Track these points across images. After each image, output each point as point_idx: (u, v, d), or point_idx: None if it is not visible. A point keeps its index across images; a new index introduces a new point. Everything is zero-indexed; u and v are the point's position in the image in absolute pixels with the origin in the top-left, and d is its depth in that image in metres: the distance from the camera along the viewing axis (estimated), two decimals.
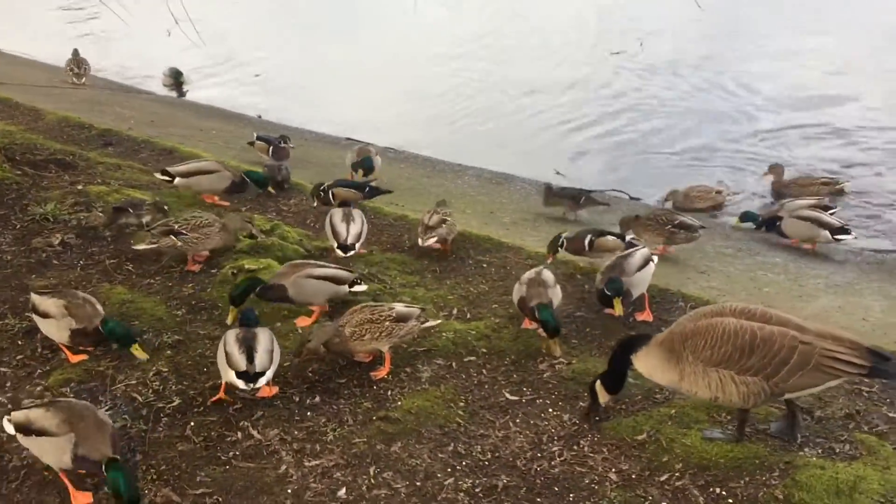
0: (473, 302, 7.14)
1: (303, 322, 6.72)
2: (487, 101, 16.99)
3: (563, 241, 7.79)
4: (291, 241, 8.15)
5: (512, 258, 8.14)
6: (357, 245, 7.89)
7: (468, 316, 6.98)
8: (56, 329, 5.99)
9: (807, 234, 9.99)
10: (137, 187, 9.49)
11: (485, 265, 8.08)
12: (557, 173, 11.97)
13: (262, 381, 5.43)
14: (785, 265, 8.90)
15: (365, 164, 10.86)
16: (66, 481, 4.76)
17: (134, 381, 5.84)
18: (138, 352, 5.92)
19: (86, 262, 7.66)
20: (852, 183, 12.04)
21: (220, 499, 4.79)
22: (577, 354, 6.33)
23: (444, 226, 8.09)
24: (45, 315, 6.03)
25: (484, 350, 6.35)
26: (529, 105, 16.58)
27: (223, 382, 5.59)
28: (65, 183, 9.47)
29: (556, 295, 6.56)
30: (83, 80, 16.56)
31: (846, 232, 9.94)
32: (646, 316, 6.98)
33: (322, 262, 6.96)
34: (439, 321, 6.36)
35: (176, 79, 18.73)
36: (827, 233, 9.88)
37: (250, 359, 5.41)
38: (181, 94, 18.26)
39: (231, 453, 5.18)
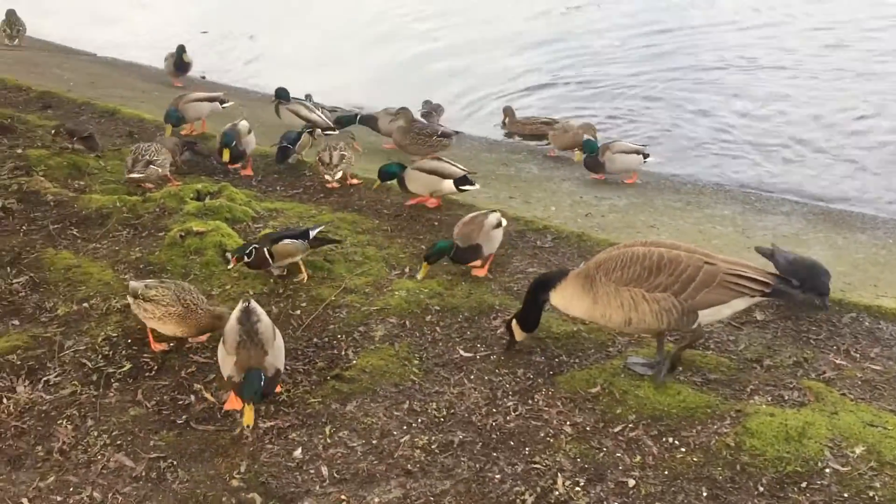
0: None
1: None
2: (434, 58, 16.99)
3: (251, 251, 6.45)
4: (240, 203, 8.03)
5: (464, 215, 8.10)
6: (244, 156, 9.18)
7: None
8: None
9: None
10: (80, 150, 9.28)
11: (435, 223, 8.05)
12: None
13: None
14: (733, 217, 8.99)
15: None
16: None
17: (83, 347, 5.75)
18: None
19: (28, 227, 7.48)
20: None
21: (175, 462, 4.74)
22: None
23: (343, 162, 8.73)
24: None
25: (437, 307, 6.34)
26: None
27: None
28: (3, 147, 9.23)
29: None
30: (16, 41, 16.12)
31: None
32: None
33: None
34: None
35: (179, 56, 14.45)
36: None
37: None
38: (182, 73, 14.76)
39: (185, 416, 5.14)
